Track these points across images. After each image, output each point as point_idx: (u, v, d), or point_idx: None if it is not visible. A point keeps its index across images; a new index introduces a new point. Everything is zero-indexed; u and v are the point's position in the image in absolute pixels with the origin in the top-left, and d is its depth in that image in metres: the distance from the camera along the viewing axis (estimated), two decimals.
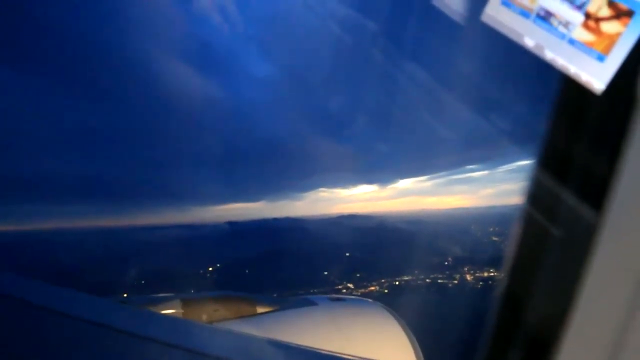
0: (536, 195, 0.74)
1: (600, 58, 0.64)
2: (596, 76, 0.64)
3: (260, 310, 3.48)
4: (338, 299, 3.90)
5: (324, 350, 2.01)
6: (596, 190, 0.62)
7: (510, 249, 0.77)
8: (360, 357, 1.98)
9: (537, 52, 0.69)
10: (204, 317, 3.23)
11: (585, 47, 0.66)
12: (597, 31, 0.65)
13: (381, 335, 3.64)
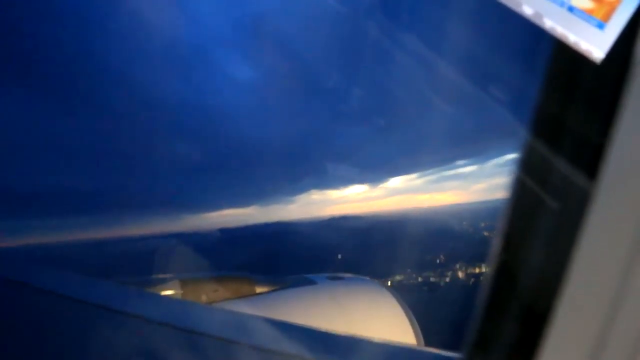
0: (529, 163, 0.74)
1: (600, 26, 0.63)
2: (596, 44, 0.63)
3: (259, 290, 3.50)
4: (337, 278, 3.94)
5: (324, 328, 2.01)
6: (590, 158, 0.62)
7: (502, 218, 0.76)
8: (360, 335, 1.99)
9: (535, 20, 0.67)
10: (204, 298, 3.25)
11: (584, 15, 0.65)
12: None
13: (380, 312, 3.69)
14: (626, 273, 0.59)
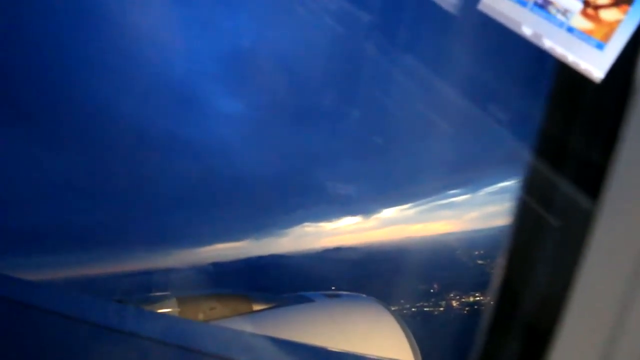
0: (532, 184, 0.75)
1: (600, 46, 0.63)
2: (595, 64, 0.63)
3: (256, 307, 3.47)
4: (334, 295, 3.92)
5: (321, 346, 2.05)
6: (593, 178, 0.63)
7: (506, 238, 0.77)
8: (358, 353, 2.00)
9: (535, 40, 0.68)
10: (201, 316, 3.22)
11: (584, 35, 0.65)
12: (596, 19, 0.64)
13: (378, 330, 3.66)
14: (629, 293, 0.59)
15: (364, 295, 4.07)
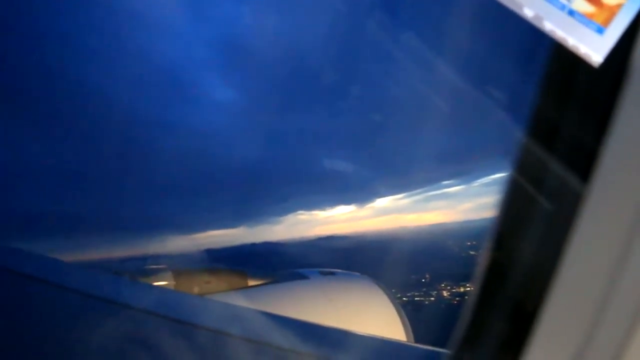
0: (523, 164, 0.75)
1: (600, 30, 0.63)
2: (594, 49, 0.63)
3: (251, 283, 3.52)
4: (329, 273, 3.96)
5: (314, 322, 2.04)
6: (584, 160, 0.63)
7: (495, 217, 0.78)
8: (349, 330, 2.01)
9: (535, 22, 0.67)
10: (196, 289, 3.25)
11: (585, 19, 0.65)
12: (597, 2, 0.64)
13: (370, 308, 3.72)
14: (615, 274, 0.59)
15: (358, 274, 4.10)
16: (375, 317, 3.68)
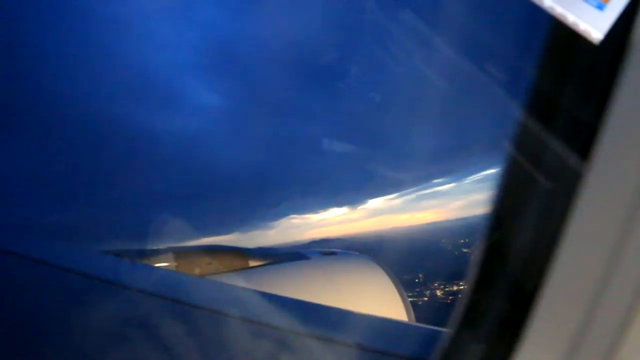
0: (522, 141, 0.74)
1: (600, 7, 0.62)
2: (594, 25, 0.62)
3: (252, 263, 3.51)
4: (330, 253, 3.96)
5: (315, 302, 1.96)
6: (583, 138, 0.62)
7: (494, 195, 0.77)
8: (350, 310, 2.01)
9: None
10: (197, 270, 3.24)
11: None
12: None
13: (371, 287, 3.72)
14: (616, 254, 0.59)
15: (360, 254, 4.11)
16: (376, 296, 3.68)
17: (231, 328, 1.47)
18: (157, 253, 3.19)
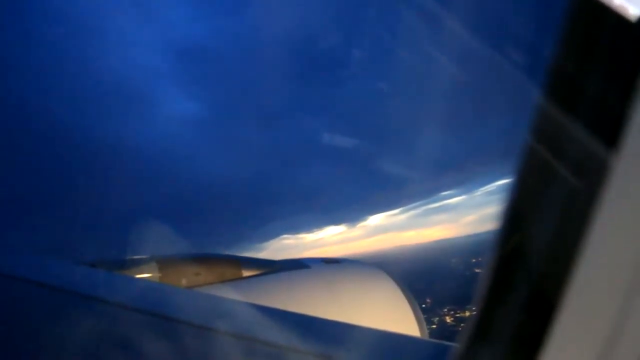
0: (542, 130, 0.68)
1: None
2: (632, 0, 0.57)
3: (246, 273, 3.30)
4: (334, 261, 3.77)
5: (317, 316, 1.91)
6: (611, 127, 0.57)
7: (510, 187, 0.71)
8: (357, 324, 1.80)
9: None
10: (184, 282, 3.05)
11: None
12: None
13: (379, 299, 3.51)
14: None
15: (365, 262, 3.95)
16: (384, 309, 3.47)
17: (221, 346, 1.41)
18: (138, 263, 3.05)
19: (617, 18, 0.57)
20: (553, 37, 0.66)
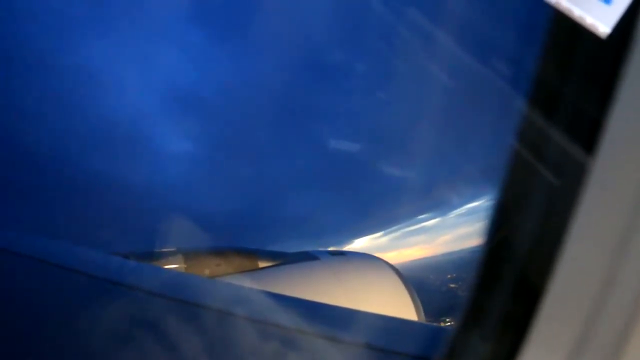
0: (526, 135, 0.73)
1: (607, 1, 0.61)
2: (601, 19, 0.61)
3: (262, 264, 3.50)
4: (339, 253, 3.96)
5: (325, 303, 1.92)
6: (588, 131, 0.61)
7: (497, 187, 0.75)
8: (361, 309, 1.99)
9: None
10: (207, 272, 3.25)
11: None
12: None
13: (381, 287, 3.72)
14: (621, 251, 0.57)
15: (370, 254, 4.09)
16: (386, 297, 3.67)
17: (240, 329, 1.46)
18: (165, 255, 3.18)
19: (589, 35, 0.61)
20: (536, 54, 0.70)
